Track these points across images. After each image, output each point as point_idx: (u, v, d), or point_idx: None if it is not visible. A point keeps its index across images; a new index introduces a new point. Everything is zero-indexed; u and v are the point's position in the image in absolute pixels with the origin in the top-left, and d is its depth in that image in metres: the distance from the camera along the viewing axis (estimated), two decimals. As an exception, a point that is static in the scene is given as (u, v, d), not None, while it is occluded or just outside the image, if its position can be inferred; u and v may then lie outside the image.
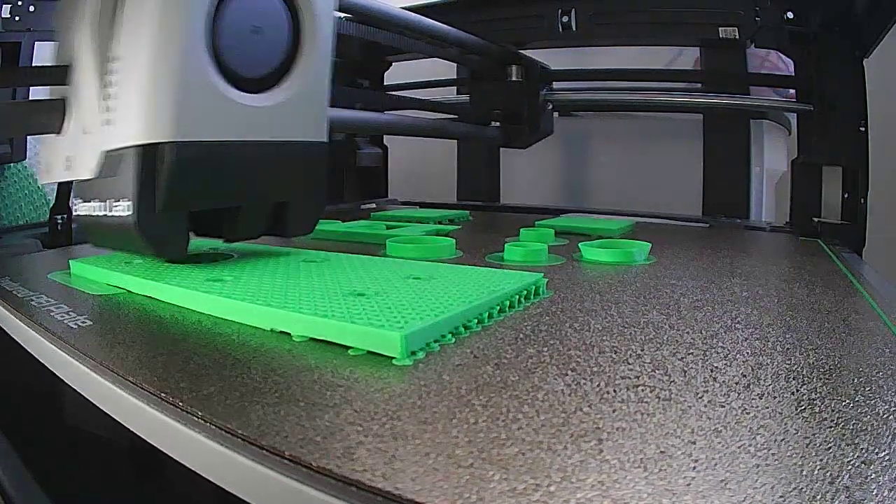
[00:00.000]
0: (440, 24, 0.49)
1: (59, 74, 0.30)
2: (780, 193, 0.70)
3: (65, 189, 0.49)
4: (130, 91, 0.25)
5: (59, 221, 0.50)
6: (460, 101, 0.73)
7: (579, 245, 0.37)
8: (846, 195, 0.56)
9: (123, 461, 0.30)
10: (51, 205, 0.50)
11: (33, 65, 0.47)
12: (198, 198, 0.27)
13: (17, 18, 0.52)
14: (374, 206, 0.72)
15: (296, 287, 0.24)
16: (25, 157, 0.60)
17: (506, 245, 0.37)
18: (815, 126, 0.58)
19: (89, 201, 0.29)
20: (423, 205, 0.70)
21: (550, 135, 0.64)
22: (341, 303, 0.22)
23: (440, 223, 0.54)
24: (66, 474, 0.31)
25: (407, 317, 0.20)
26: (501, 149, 0.80)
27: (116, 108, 0.26)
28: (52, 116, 0.30)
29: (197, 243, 0.35)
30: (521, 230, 0.44)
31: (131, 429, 0.17)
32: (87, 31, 0.27)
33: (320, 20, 0.30)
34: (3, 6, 0.51)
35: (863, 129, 0.55)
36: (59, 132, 0.30)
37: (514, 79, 0.60)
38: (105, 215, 0.27)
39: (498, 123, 0.61)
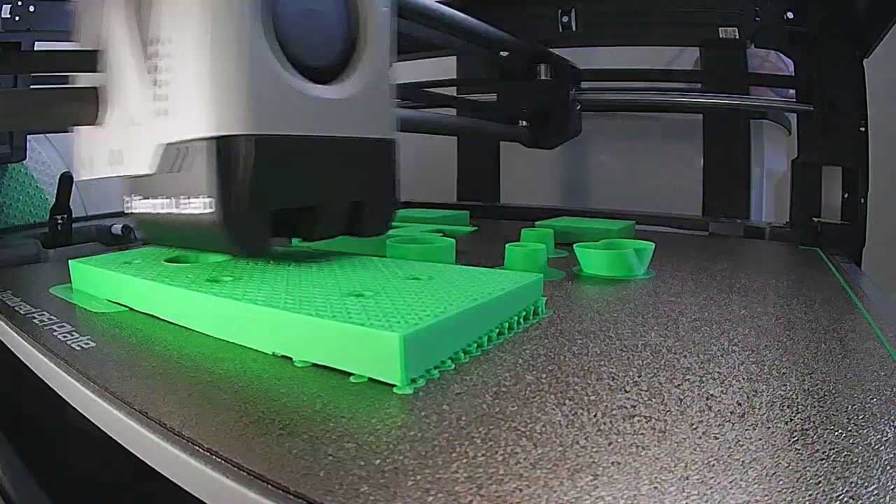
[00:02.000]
0: (474, 19, 0.48)
1: (85, 60, 0.27)
2: (780, 193, 0.70)
3: (65, 189, 0.49)
4: (187, 77, 0.23)
5: (59, 221, 0.50)
6: (484, 100, 0.72)
7: (575, 247, 0.37)
8: (846, 195, 0.56)
9: (123, 461, 0.31)
10: (51, 205, 0.50)
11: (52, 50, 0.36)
12: (280, 196, 0.26)
13: (17, 18, 0.51)
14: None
15: (295, 288, 0.24)
16: (25, 157, 0.60)
17: (507, 246, 0.36)
18: (815, 126, 0.58)
19: (148, 198, 0.27)
20: (422, 205, 0.70)
21: (578, 135, 0.62)
22: (340, 303, 0.22)
23: (441, 223, 0.53)
24: (66, 474, 0.31)
25: (406, 317, 0.20)
26: (501, 148, 0.80)
27: (171, 95, 0.24)
28: (87, 106, 0.27)
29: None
30: (522, 231, 0.44)
31: (136, 454, 0.17)
32: (121, 10, 0.25)
33: (375, 7, 0.29)
34: (3, 6, 0.51)
35: (863, 129, 0.55)
36: (96, 123, 0.28)
37: (542, 78, 0.59)
38: (173, 213, 0.25)
39: (525, 123, 0.60)
